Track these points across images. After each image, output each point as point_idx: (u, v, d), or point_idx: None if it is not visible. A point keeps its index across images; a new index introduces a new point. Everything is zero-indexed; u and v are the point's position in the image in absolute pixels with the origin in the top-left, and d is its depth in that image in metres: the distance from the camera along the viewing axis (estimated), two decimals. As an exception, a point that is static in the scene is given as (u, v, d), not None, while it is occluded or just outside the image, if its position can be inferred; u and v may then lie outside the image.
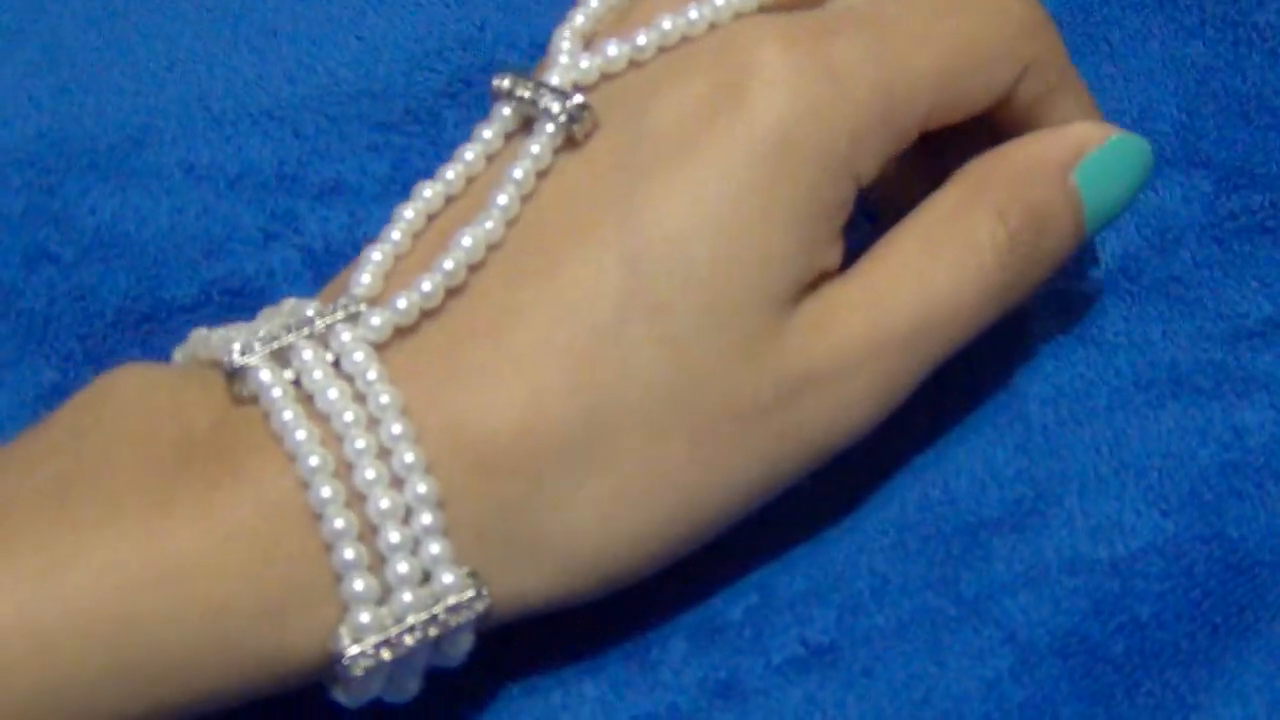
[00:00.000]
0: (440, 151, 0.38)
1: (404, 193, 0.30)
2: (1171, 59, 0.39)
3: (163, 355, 0.35)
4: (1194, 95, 0.38)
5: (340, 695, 0.28)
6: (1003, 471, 0.33)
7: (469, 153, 0.30)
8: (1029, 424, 0.34)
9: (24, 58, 0.38)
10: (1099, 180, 0.32)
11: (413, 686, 0.29)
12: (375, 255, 0.29)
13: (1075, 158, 0.31)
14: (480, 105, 0.38)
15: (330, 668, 0.27)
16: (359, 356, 0.28)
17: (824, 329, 0.29)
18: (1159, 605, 0.32)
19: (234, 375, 0.28)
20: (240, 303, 0.36)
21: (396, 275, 0.29)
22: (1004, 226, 0.30)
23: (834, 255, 0.30)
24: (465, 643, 0.28)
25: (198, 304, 0.36)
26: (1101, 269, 0.36)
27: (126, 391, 0.28)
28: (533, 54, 0.39)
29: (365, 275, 0.29)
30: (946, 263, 0.30)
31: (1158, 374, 0.35)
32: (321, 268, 0.36)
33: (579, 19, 0.31)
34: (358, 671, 0.27)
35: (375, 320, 0.28)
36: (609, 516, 0.28)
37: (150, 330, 0.35)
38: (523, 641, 0.32)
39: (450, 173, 0.30)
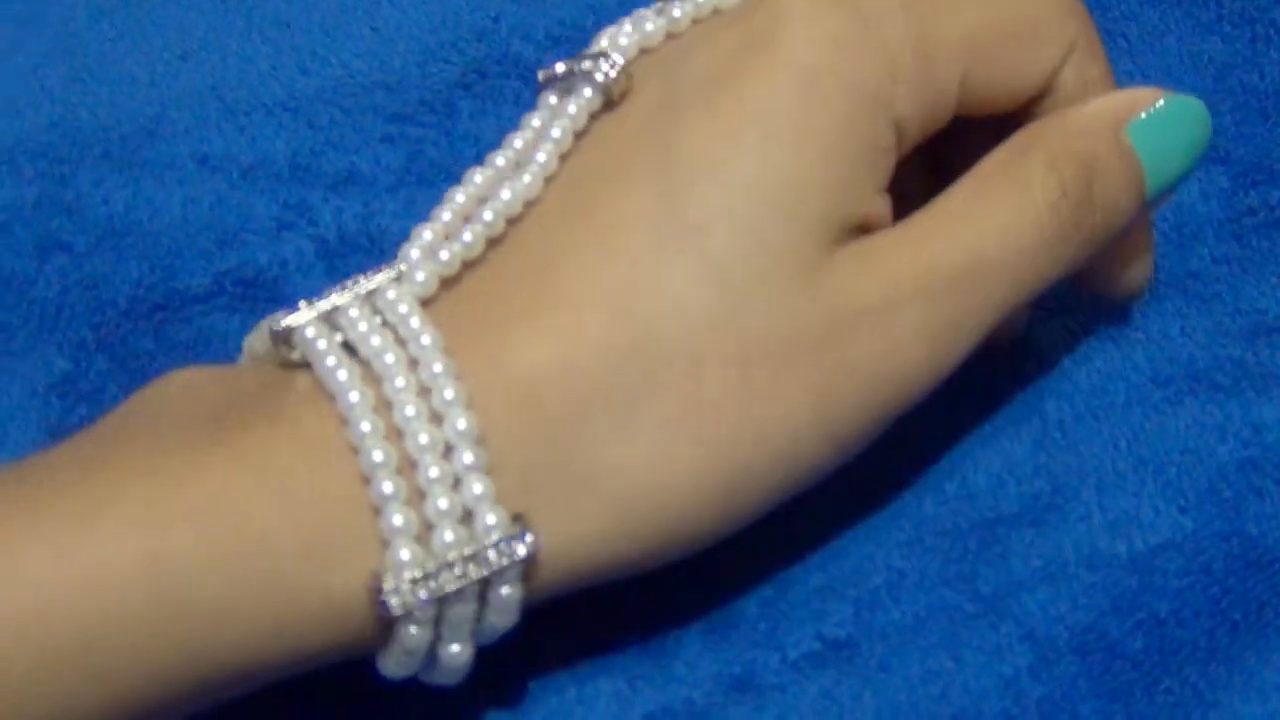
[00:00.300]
0: (454, 143, 0.37)
1: (418, 183, 0.30)
2: (1189, 55, 0.39)
3: (175, 345, 0.35)
4: (1211, 91, 0.38)
5: (385, 663, 0.27)
6: (1021, 467, 0.33)
7: (518, 140, 0.30)
8: (1047, 420, 0.34)
9: (37, 47, 0.38)
10: (1154, 138, 0.31)
11: (461, 658, 0.28)
12: (426, 234, 0.29)
13: (1128, 115, 0.31)
14: (495, 96, 0.38)
15: (373, 616, 0.27)
16: (403, 308, 0.28)
17: (870, 264, 0.29)
18: (1178, 602, 0.32)
19: (281, 338, 0.28)
20: (253, 293, 0.35)
21: None
22: (1055, 174, 0.30)
23: (879, 204, 0.29)
24: (512, 603, 0.27)
25: (210, 294, 0.35)
26: (1119, 265, 0.36)
27: (176, 379, 0.28)
28: (547, 45, 0.39)
29: (414, 250, 0.29)
30: (997, 206, 0.30)
31: (1176, 370, 0.34)
32: (335, 259, 0.36)
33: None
34: (397, 609, 0.26)
35: (420, 275, 0.28)
36: (656, 451, 0.27)
37: (163, 320, 0.35)
38: (538, 635, 0.31)
39: (500, 159, 0.30)
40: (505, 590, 0.27)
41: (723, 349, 0.28)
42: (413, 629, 0.27)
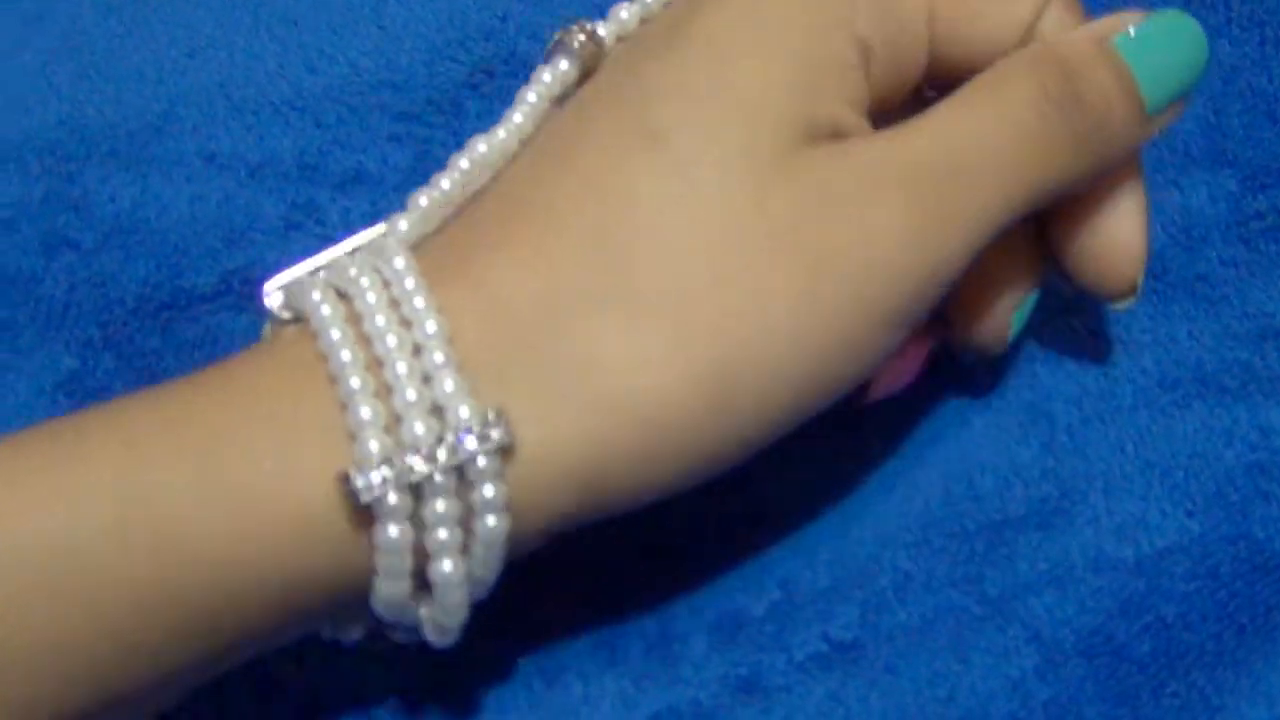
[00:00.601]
0: (462, 142, 0.37)
1: (425, 183, 0.30)
2: (1197, 58, 0.38)
3: (182, 343, 0.35)
4: (1220, 94, 0.38)
5: (377, 589, 0.27)
6: (1028, 470, 0.33)
7: (518, 115, 0.30)
8: (1054, 423, 0.34)
9: (44, 44, 0.38)
10: (1145, 52, 0.30)
11: (453, 578, 0.27)
12: (422, 200, 0.29)
13: (1111, 30, 0.30)
14: (502, 96, 0.38)
15: (349, 525, 0.26)
16: (379, 242, 0.29)
17: (843, 159, 0.28)
18: (1185, 606, 0.32)
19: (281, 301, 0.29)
20: (260, 293, 0.35)
21: None
22: (1034, 75, 0.29)
23: (851, 117, 0.29)
24: (498, 506, 0.26)
25: (218, 293, 0.35)
26: (1127, 267, 0.36)
27: None
28: None
29: (403, 222, 0.29)
30: (978, 110, 0.29)
31: (1183, 373, 0.34)
32: (342, 258, 0.36)
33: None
34: (365, 493, 0.26)
35: (403, 225, 0.29)
36: (632, 347, 0.27)
37: (170, 318, 0.35)
38: (545, 633, 0.31)
39: (502, 131, 0.30)
40: (488, 490, 0.26)
41: (691, 242, 0.27)
42: (392, 529, 0.26)
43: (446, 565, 0.27)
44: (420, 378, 0.26)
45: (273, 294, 0.29)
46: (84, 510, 0.25)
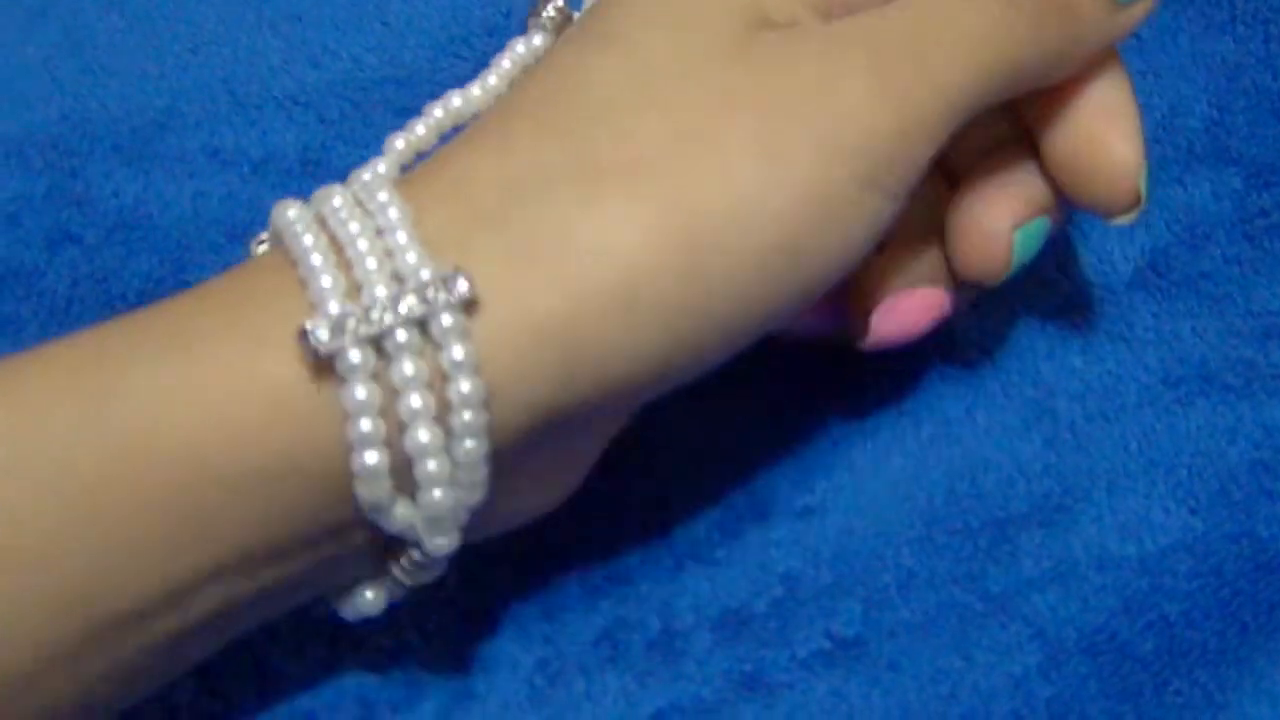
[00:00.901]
0: (465, 138, 0.37)
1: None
2: (1201, 55, 0.38)
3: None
4: (1224, 92, 0.38)
5: (357, 481, 0.26)
6: (1031, 467, 0.33)
7: (492, 77, 0.31)
8: (1057, 420, 0.34)
9: (47, 39, 0.38)
10: None
11: (437, 485, 0.26)
12: (398, 144, 0.30)
13: None
14: (505, 92, 0.38)
15: (311, 371, 0.26)
16: (365, 177, 0.28)
17: (803, 32, 0.28)
18: (1188, 604, 0.32)
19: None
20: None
21: None
22: None
23: (805, 14, 0.29)
24: (468, 367, 0.26)
25: (221, 288, 0.35)
26: (1131, 265, 0.36)
27: None
28: None
29: (381, 165, 0.30)
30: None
31: (1187, 371, 0.34)
32: (345, 253, 0.36)
33: None
34: (324, 343, 0.25)
35: (381, 167, 0.30)
36: (595, 213, 0.26)
37: (173, 314, 0.35)
38: (547, 629, 0.31)
39: (477, 89, 0.31)
40: (457, 351, 0.26)
41: (648, 114, 0.27)
42: (358, 389, 0.25)
43: (423, 435, 0.26)
44: (382, 252, 0.26)
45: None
46: (50, 415, 0.25)
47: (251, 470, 0.25)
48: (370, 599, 0.29)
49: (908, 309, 0.32)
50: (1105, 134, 0.31)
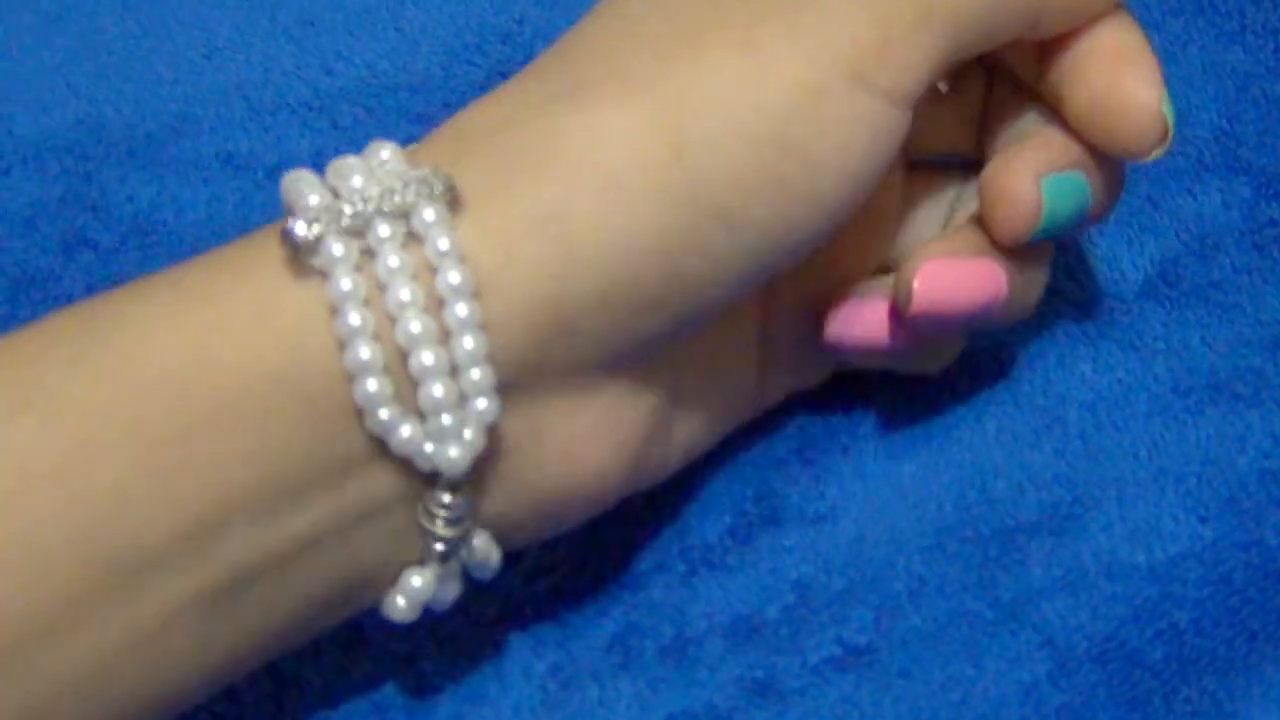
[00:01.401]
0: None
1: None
2: (1212, 65, 0.39)
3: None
4: (1234, 101, 0.38)
5: (356, 390, 0.25)
6: (1041, 475, 0.33)
7: None
8: (1067, 429, 0.34)
9: (63, 44, 0.38)
10: None
11: (426, 360, 0.26)
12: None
13: None
14: (518, 99, 0.38)
15: (291, 262, 0.26)
16: (384, 154, 0.27)
17: None
18: (1198, 612, 0.32)
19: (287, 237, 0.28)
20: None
21: None
22: None
23: None
24: (461, 279, 0.26)
25: (235, 293, 0.35)
26: (1141, 275, 0.36)
27: None
28: None
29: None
30: None
31: (1197, 380, 0.35)
32: (359, 259, 0.36)
33: None
34: (303, 233, 0.25)
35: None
36: (583, 117, 0.27)
37: (188, 319, 0.35)
38: (560, 636, 0.32)
39: None
40: (442, 243, 0.26)
41: (640, 37, 0.28)
42: (343, 280, 0.25)
43: (414, 326, 0.26)
44: (370, 176, 0.26)
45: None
46: (47, 353, 0.25)
47: (244, 391, 0.25)
48: (418, 587, 0.27)
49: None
50: (1122, 78, 0.31)
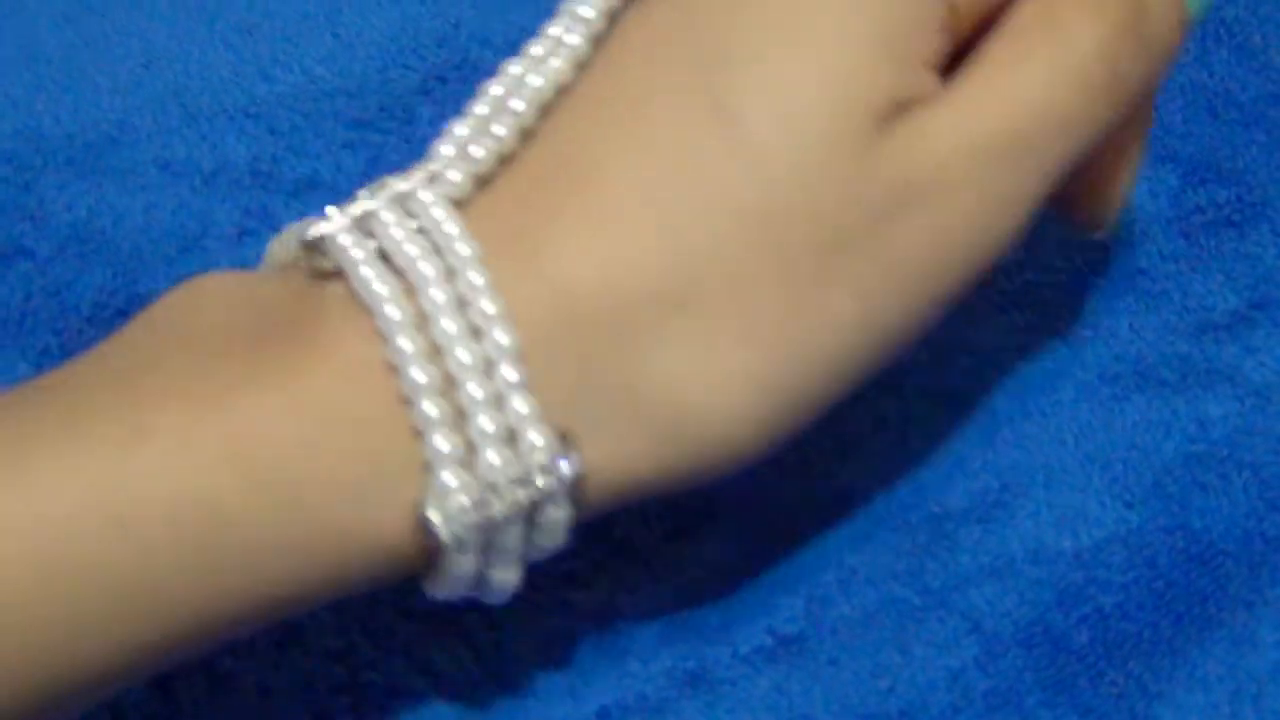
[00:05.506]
0: (415, 148, 0.38)
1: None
2: (1140, 55, 0.39)
3: (138, 350, 0.35)
4: (1159, 90, 0.38)
5: (433, 585, 0.27)
6: (969, 463, 0.34)
7: (553, 28, 0.29)
8: (995, 416, 0.34)
9: (1, 55, 0.38)
10: None
11: (509, 578, 0.27)
12: (459, 129, 0.28)
13: None
14: (455, 102, 0.38)
15: (418, 545, 0.26)
16: (437, 212, 0.27)
17: (916, 143, 0.27)
18: (1122, 596, 0.32)
19: (312, 247, 0.27)
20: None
21: None
22: (1104, 19, 0.28)
23: (926, 81, 0.28)
24: (561, 520, 0.27)
25: (173, 299, 0.36)
26: (1069, 262, 0.36)
27: (204, 287, 0.27)
28: (507, 51, 0.38)
29: (446, 147, 0.28)
30: (1041, 63, 0.28)
31: (1124, 367, 0.35)
32: (296, 263, 0.36)
33: None
34: (446, 538, 0.26)
35: (453, 175, 0.27)
36: (701, 361, 0.26)
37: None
38: (490, 631, 0.32)
39: (537, 48, 0.29)
40: (553, 512, 0.27)
41: (765, 251, 0.27)
42: (461, 557, 0.26)
43: (508, 576, 0.27)
44: (494, 400, 0.26)
45: (316, 239, 0.27)
46: (137, 530, 0.24)
47: (332, 591, 0.26)
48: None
49: None
50: (1118, 176, 0.32)
